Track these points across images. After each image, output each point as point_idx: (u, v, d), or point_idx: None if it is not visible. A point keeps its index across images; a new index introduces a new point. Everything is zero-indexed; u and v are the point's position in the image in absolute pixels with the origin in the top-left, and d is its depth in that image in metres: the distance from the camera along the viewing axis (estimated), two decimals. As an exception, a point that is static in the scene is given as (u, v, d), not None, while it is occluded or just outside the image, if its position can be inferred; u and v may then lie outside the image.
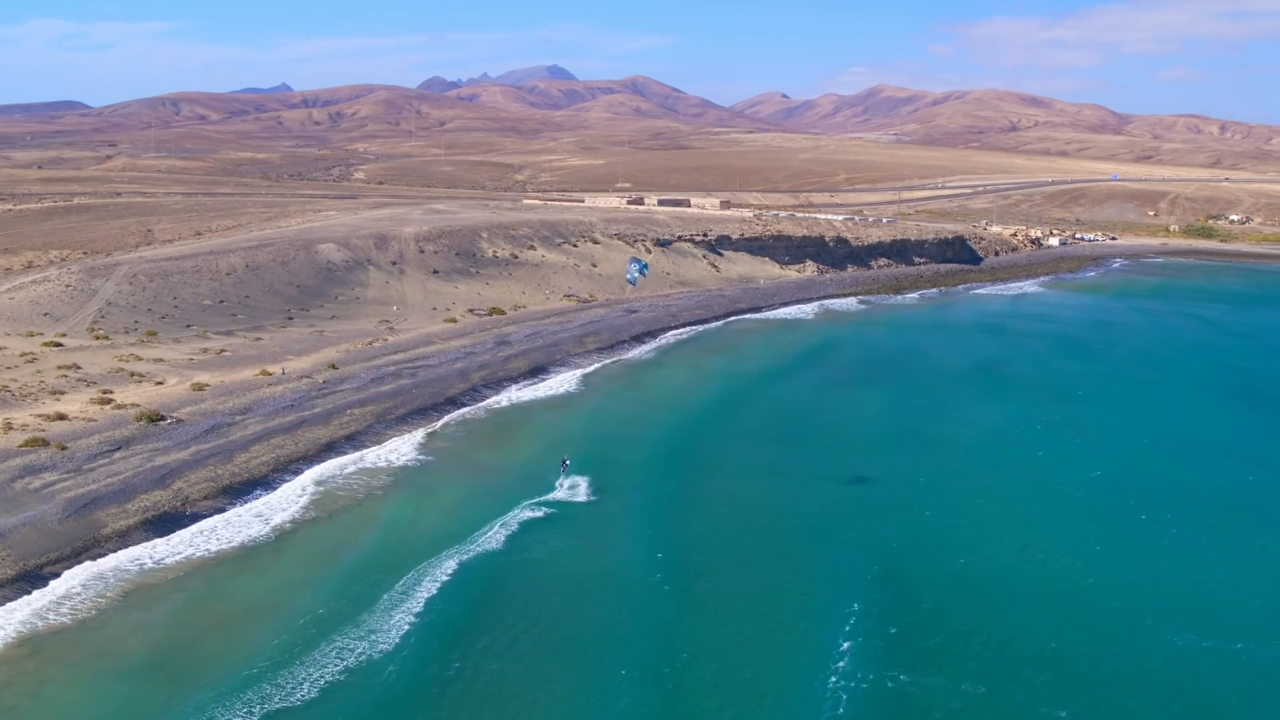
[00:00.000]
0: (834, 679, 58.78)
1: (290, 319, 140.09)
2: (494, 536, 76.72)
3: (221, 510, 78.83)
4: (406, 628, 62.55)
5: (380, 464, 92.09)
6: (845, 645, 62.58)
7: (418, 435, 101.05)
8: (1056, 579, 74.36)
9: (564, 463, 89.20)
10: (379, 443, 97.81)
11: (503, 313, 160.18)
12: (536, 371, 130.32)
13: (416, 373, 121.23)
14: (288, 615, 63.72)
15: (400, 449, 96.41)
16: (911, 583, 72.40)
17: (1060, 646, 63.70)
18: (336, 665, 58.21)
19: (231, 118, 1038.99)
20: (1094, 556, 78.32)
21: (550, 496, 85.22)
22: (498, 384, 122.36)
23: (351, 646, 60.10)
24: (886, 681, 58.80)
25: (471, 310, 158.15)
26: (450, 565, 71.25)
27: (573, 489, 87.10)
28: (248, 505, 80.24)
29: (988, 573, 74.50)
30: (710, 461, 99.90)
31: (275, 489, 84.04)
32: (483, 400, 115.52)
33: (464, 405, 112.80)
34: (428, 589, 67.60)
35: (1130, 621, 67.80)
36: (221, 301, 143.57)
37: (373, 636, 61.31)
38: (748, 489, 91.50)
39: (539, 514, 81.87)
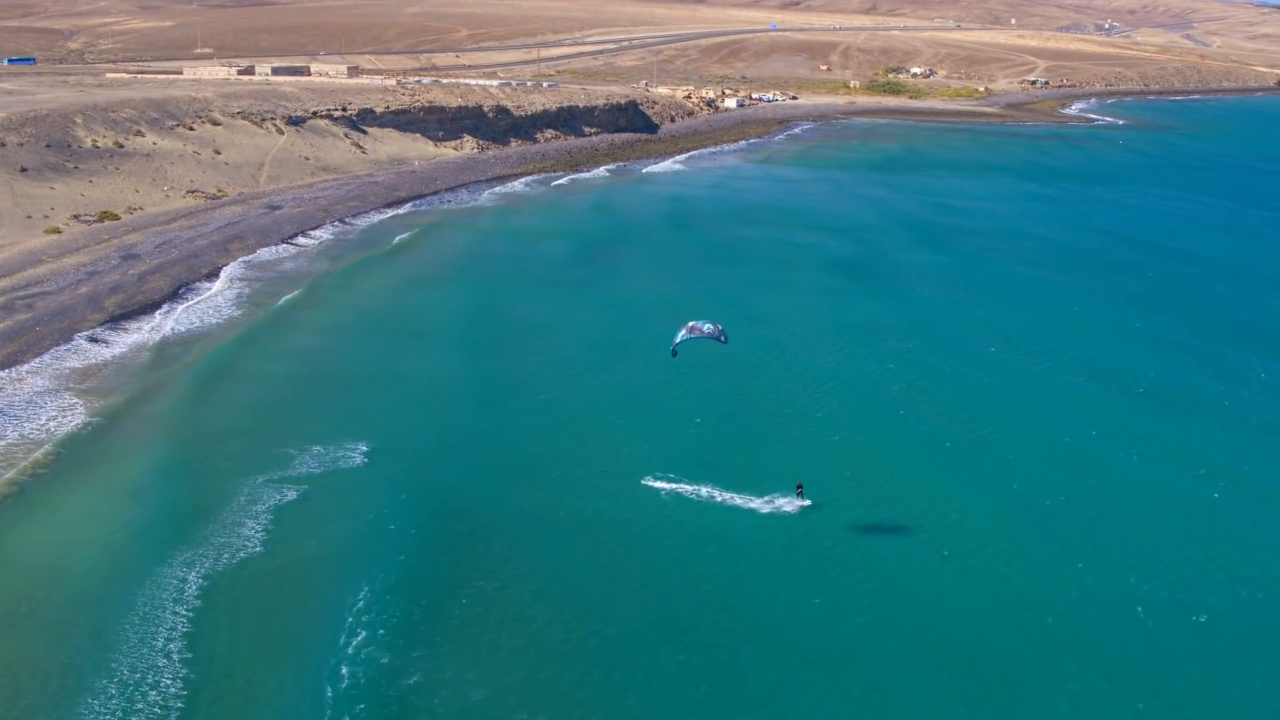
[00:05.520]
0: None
1: None
2: (239, 529, 66.04)
3: None
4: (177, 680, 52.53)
5: (28, 435, 79.08)
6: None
7: (62, 389, 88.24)
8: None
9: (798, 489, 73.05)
10: (12, 405, 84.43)
11: (117, 217, 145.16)
12: (182, 291, 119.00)
13: (34, 303, 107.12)
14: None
15: (46, 412, 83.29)
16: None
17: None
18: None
19: None
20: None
21: (293, 471, 74.44)
22: (141, 311, 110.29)
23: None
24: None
25: (77, 217, 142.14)
26: (193, 580, 59.98)
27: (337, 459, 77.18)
28: None
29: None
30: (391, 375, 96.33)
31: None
32: (125, 334, 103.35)
33: (104, 343, 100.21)
34: (177, 616, 56.91)
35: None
36: None
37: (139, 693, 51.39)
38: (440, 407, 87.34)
39: (290, 495, 70.88)
